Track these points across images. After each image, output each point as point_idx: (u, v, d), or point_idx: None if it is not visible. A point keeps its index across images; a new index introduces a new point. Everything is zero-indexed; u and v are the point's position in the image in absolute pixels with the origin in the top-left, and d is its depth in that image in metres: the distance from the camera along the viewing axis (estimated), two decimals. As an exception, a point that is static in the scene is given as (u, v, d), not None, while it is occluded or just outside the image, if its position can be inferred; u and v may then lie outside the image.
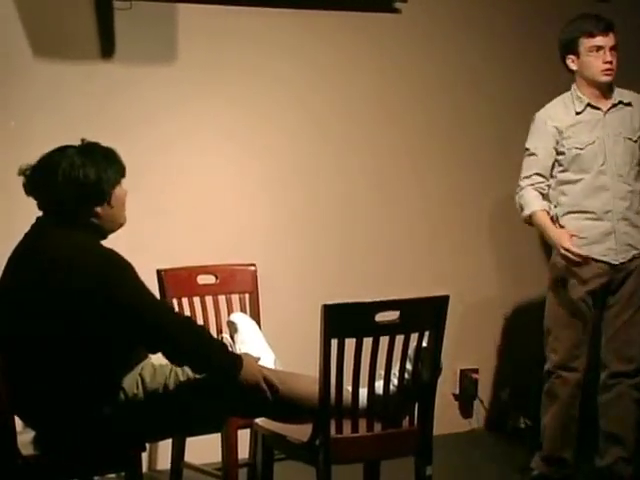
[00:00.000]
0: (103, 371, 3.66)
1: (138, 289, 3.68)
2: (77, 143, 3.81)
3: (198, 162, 5.28)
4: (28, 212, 3.82)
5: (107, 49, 5.03)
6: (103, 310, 3.59)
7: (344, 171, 5.57)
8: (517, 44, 5.90)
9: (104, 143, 4.32)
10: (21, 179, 3.96)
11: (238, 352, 3.99)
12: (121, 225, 3.84)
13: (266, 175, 5.40)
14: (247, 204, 5.34)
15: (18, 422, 3.63)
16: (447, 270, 5.70)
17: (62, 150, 3.76)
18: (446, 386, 5.59)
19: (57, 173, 3.70)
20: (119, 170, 3.80)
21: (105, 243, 3.78)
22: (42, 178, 3.74)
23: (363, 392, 3.78)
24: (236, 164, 5.33)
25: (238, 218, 5.33)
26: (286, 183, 5.44)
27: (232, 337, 4.29)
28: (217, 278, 4.72)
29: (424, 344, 3.82)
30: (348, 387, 3.75)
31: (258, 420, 4.01)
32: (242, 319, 4.36)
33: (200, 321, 4.60)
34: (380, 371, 3.78)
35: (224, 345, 3.92)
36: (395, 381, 3.83)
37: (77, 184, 3.69)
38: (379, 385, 3.80)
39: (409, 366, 3.82)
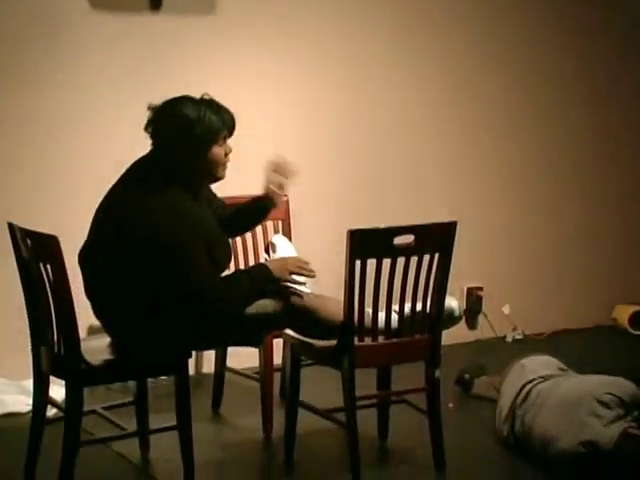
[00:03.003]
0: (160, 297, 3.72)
1: (183, 258, 3.63)
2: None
3: (236, 104, 5.28)
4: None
5: (155, 2, 4.99)
6: (157, 265, 3.64)
7: (368, 111, 5.57)
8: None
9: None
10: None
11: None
12: (216, 180, 3.83)
13: (298, 117, 5.41)
14: (280, 143, 5.27)
15: (82, 332, 3.69)
16: (459, 199, 5.75)
17: (181, 97, 3.76)
18: (455, 302, 5.72)
19: (165, 113, 3.73)
20: (221, 128, 3.74)
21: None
22: (155, 115, 3.74)
23: (382, 315, 3.85)
24: (272, 107, 5.33)
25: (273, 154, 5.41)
26: (316, 124, 5.46)
27: (269, 255, 4.36)
28: (255, 207, 4.77)
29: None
30: (368, 309, 3.82)
31: (287, 330, 4.05)
32: (281, 241, 4.44)
33: (240, 243, 4.67)
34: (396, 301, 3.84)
35: (247, 274, 3.84)
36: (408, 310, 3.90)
37: (177, 125, 3.69)
38: (395, 318, 3.87)
39: (419, 307, 3.89)
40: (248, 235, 4.68)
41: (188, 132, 3.70)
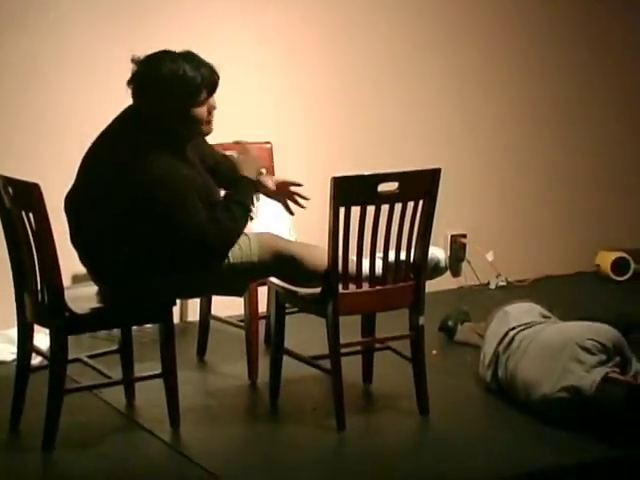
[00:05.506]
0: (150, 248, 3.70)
1: (179, 211, 3.62)
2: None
3: (216, 54, 5.22)
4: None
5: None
6: (151, 220, 3.63)
7: (354, 57, 5.53)
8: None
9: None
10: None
11: (256, 217, 4.01)
12: (202, 135, 3.77)
13: (280, 65, 5.36)
14: (263, 90, 5.31)
15: (66, 281, 3.70)
16: (443, 147, 5.70)
17: (160, 54, 3.66)
18: (439, 250, 5.71)
19: (143, 73, 3.64)
20: (199, 86, 3.63)
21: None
22: (135, 73, 3.66)
23: (366, 262, 3.83)
24: (254, 57, 5.27)
25: (256, 102, 5.30)
26: (298, 71, 5.41)
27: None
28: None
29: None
30: (353, 257, 3.79)
31: (272, 278, 4.03)
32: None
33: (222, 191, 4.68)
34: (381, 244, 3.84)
35: (232, 198, 3.82)
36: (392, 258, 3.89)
37: (154, 89, 3.62)
38: (379, 265, 3.86)
39: (403, 257, 3.89)
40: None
41: (165, 96, 3.62)
